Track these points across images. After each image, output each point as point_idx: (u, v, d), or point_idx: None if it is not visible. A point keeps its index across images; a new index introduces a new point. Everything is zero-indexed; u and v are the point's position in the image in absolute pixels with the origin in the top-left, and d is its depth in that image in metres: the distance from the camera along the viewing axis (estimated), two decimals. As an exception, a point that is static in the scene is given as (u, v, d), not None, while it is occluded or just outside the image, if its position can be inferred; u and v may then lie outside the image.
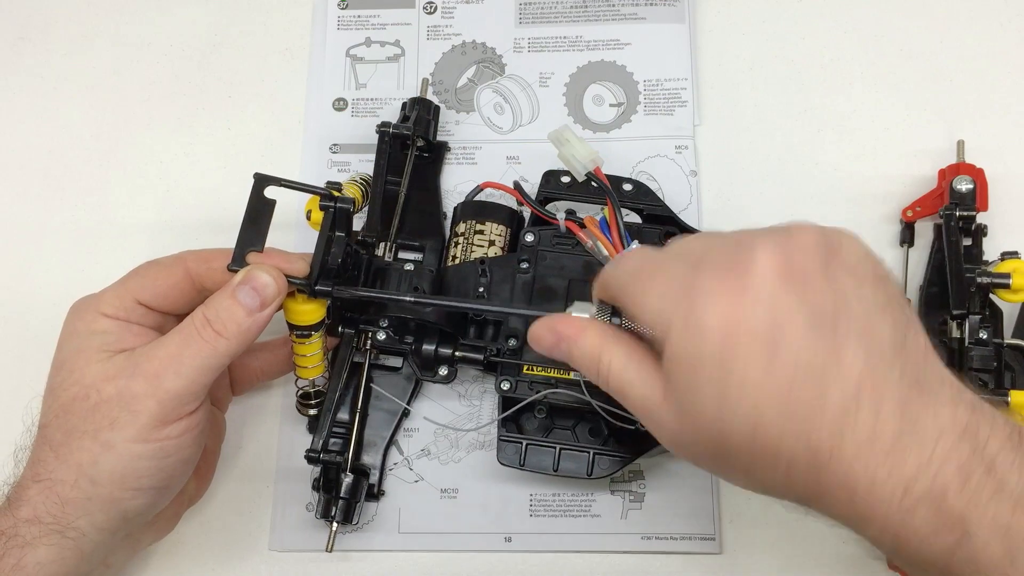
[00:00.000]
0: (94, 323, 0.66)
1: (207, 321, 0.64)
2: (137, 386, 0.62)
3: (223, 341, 0.64)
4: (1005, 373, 0.71)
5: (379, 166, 0.79)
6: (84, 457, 0.62)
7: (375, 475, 0.76)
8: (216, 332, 0.63)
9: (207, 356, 0.63)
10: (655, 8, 0.90)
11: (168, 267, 0.68)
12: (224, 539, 0.77)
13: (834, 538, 0.74)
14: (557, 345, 0.61)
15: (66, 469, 0.62)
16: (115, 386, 0.63)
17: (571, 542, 0.76)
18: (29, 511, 0.62)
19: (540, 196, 0.79)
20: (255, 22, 0.93)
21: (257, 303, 0.64)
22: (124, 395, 0.62)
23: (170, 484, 0.66)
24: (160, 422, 0.63)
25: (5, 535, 0.61)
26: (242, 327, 0.64)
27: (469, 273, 0.76)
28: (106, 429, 0.62)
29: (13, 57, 0.93)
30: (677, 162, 0.85)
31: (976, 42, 0.89)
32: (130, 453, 0.62)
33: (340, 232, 0.69)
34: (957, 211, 0.76)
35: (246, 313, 0.64)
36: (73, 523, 0.62)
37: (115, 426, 0.62)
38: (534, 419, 0.74)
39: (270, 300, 0.65)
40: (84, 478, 0.62)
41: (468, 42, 0.91)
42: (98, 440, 0.62)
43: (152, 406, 0.62)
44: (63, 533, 0.62)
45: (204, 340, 0.63)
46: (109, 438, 0.62)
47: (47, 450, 0.63)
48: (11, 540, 0.61)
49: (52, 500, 0.62)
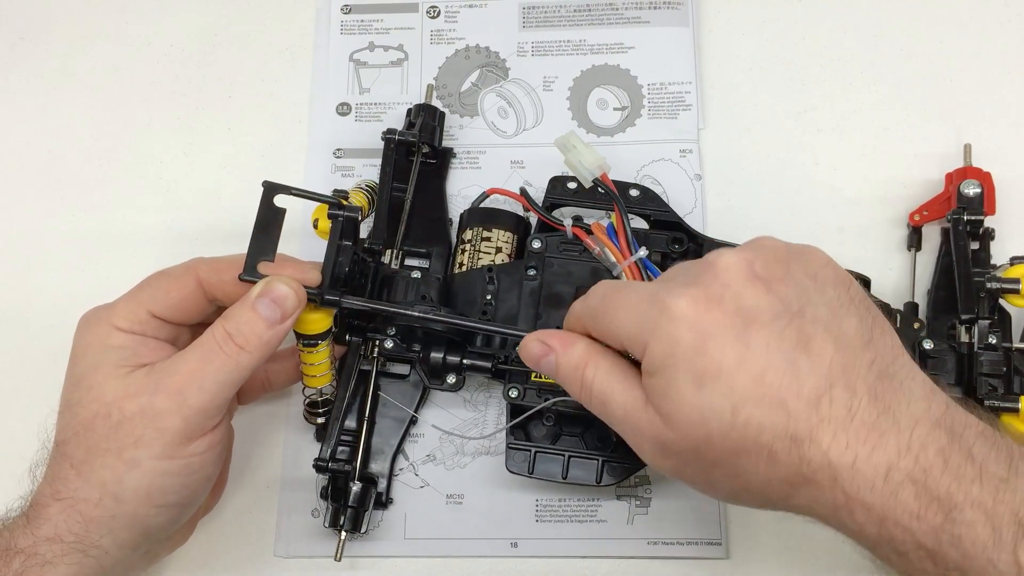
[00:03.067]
0: (108, 337, 0.65)
1: (228, 335, 0.63)
2: (161, 403, 0.62)
3: (245, 355, 0.63)
4: (1014, 378, 0.71)
5: (385, 173, 0.79)
6: (108, 475, 0.62)
7: (383, 483, 0.76)
8: (238, 346, 0.63)
9: (230, 371, 0.63)
10: (658, 11, 0.90)
11: (179, 278, 0.67)
12: (230, 546, 0.77)
13: (842, 543, 0.74)
14: (544, 356, 0.62)
15: (89, 487, 0.62)
16: (137, 403, 0.62)
17: (577, 547, 0.76)
18: (50, 529, 0.61)
19: (547, 202, 0.79)
20: (256, 23, 0.93)
21: (278, 315, 0.64)
22: (148, 412, 0.62)
23: (193, 500, 0.66)
24: (185, 439, 0.62)
25: (24, 553, 0.61)
26: (263, 340, 0.63)
27: (476, 280, 0.76)
28: (130, 447, 0.61)
29: (13, 57, 0.93)
30: (681, 165, 0.85)
31: (976, 43, 0.89)
32: (156, 470, 0.62)
33: (347, 240, 0.69)
34: (965, 215, 0.77)
35: (267, 326, 0.63)
36: (96, 542, 0.62)
37: (140, 444, 0.61)
38: (542, 426, 0.74)
39: (290, 312, 0.64)
40: (108, 496, 0.62)
41: (472, 46, 0.90)
42: (123, 458, 0.62)
43: (177, 423, 0.62)
44: (85, 552, 0.61)
45: (226, 354, 0.63)
46: (134, 456, 0.61)
47: (67, 468, 0.63)
48: (30, 559, 0.61)
49: (74, 519, 0.61)
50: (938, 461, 0.51)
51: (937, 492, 0.50)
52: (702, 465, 0.56)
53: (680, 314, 0.54)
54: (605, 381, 0.59)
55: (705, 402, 0.53)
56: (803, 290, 0.55)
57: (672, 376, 0.54)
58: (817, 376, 0.52)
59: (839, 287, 0.56)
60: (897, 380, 0.53)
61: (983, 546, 0.49)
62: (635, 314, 0.56)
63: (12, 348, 0.83)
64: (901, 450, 0.51)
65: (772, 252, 0.56)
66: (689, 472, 0.58)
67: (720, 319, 0.53)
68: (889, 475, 0.51)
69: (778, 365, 0.52)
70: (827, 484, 0.52)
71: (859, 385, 0.52)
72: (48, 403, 0.76)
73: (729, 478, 0.56)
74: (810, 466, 0.52)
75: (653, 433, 0.56)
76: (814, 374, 0.52)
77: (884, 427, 0.51)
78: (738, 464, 0.54)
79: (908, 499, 0.51)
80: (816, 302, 0.54)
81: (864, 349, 0.54)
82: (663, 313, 0.54)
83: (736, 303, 0.54)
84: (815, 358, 0.52)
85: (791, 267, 0.55)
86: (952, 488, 0.50)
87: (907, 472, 0.51)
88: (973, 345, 0.72)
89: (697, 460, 0.56)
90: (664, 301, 0.55)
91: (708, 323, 0.53)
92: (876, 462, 0.51)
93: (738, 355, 0.53)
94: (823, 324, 0.53)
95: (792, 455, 0.52)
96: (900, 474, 0.51)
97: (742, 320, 0.53)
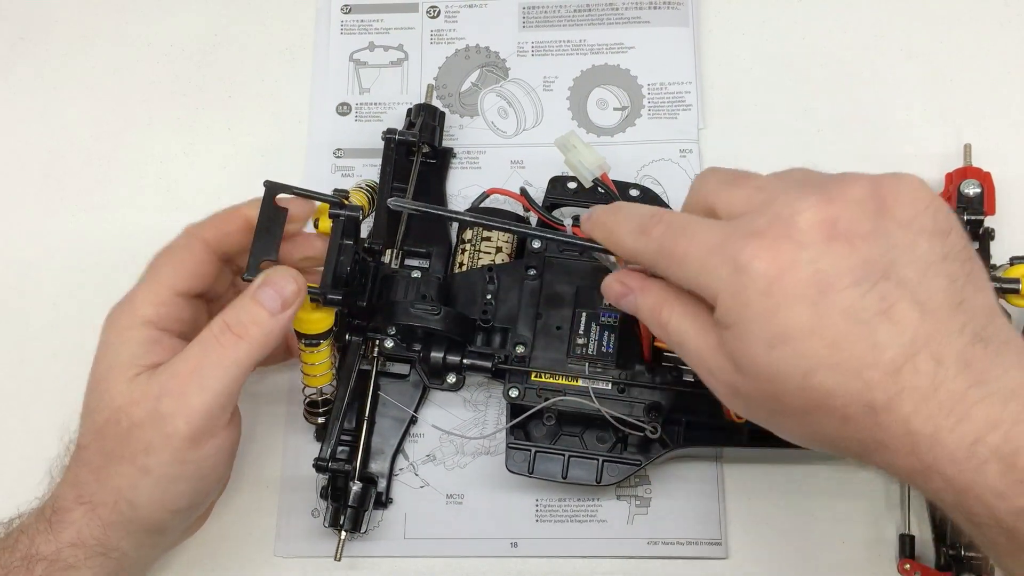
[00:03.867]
0: (128, 331, 0.64)
1: (226, 326, 0.62)
2: (165, 407, 0.61)
3: (244, 345, 0.62)
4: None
5: (385, 173, 0.80)
6: (123, 482, 0.62)
7: (383, 483, 0.76)
8: (236, 336, 0.62)
9: (228, 364, 0.62)
10: (658, 11, 0.90)
11: (187, 247, 0.67)
12: (230, 546, 0.77)
13: (840, 543, 0.75)
14: (624, 296, 0.61)
15: (106, 492, 0.62)
16: (144, 409, 0.61)
17: (577, 547, 0.76)
18: (73, 534, 0.61)
19: (547, 202, 0.79)
20: (256, 23, 0.93)
21: (278, 304, 0.63)
22: (154, 418, 0.61)
23: (206, 500, 0.67)
24: (193, 442, 0.62)
25: (47, 560, 0.61)
26: (264, 328, 0.62)
27: (477, 280, 0.76)
28: (141, 454, 0.61)
29: (13, 57, 0.93)
30: (681, 165, 0.85)
31: (976, 43, 0.89)
32: (168, 476, 0.62)
33: (348, 240, 0.69)
34: (965, 215, 0.77)
35: (268, 314, 0.62)
36: (116, 545, 0.62)
37: (150, 451, 0.61)
38: (542, 426, 0.74)
39: (291, 300, 0.63)
40: (124, 502, 0.62)
41: (472, 46, 0.90)
42: (136, 465, 0.61)
43: (182, 427, 0.61)
44: (107, 555, 0.62)
45: (223, 346, 0.62)
46: (146, 463, 0.61)
47: (87, 472, 0.63)
48: (53, 564, 0.61)
49: (95, 523, 0.62)
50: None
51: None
52: (773, 412, 0.54)
53: (751, 275, 0.51)
54: (680, 324, 0.57)
55: (776, 362, 0.51)
56: (890, 248, 0.51)
57: (743, 333, 0.52)
58: (899, 345, 0.49)
59: (935, 239, 0.51)
60: (992, 345, 0.50)
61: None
62: (702, 267, 0.53)
63: (12, 348, 0.83)
64: (990, 424, 0.48)
65: (859, 206, 0.51)
66: (760, 416, 0.56)
67: (793, 286, 0.50)
68: (974, 449, 0.48)
69: (855, 333, 0.49)
70: (904, 451, 0.49)
71: (946, 353, 0.49)
72: (49, 403, 0.76)
73: (800, 427, 0.54)
74: (887, 432, 0.50)
75: (725, 378, 0.55)
76: (895, 343, 0.49)
77: (973, 398, 0.48)
78: (809, 419, 0.52)
79: (992, 476, 0.48)
80: (903, 261, 0.50)
81: (954, 313, 0.50)
82: (734, 271, 0.51)
83: (813, 266, 0.50)
84: (897, 325, 0.49)
85: (881, 221, 0.51)
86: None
87: (994, 448, 0.48)
88: (973, 345, 0.71)
89: (768, 408, 0.54)
90: (734, 257, 0.51)
91: (780, 289, 0.50)
92: (961, 434, 0.48)
93: (811, 322, 0.50)
94: (909, 287, 0.50)
95: (867, 420, 0.50)
96: (986, 449, 0.48)
97: (817, 286, 0.50)
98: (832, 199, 0.51)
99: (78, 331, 0.81)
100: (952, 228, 0.52)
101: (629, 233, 0.59)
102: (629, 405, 0.71)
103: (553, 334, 0.74)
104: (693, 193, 0.59)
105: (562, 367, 0.73)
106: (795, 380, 0.51)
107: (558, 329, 0.74)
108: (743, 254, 0.51)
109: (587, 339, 0.73)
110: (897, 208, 0.52)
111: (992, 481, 0.48)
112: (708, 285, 0.53)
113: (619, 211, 0.60)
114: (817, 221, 0.51)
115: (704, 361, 0.56)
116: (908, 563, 0.72)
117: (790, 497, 0.76)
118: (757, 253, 0.51)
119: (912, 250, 0.51)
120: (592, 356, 0.73)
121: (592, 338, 0.73)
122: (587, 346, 0.73)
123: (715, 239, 0.53)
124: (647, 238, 0.57)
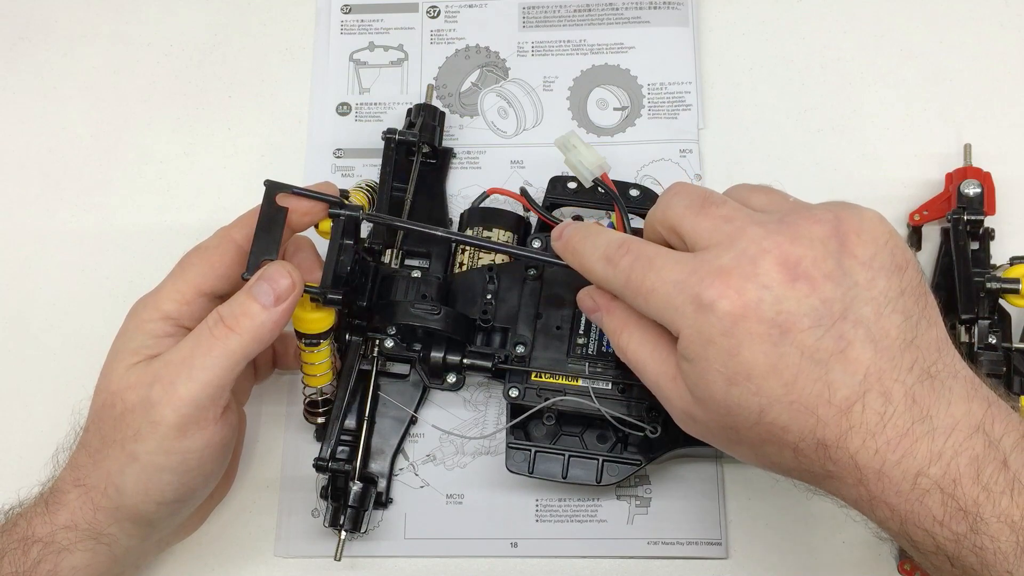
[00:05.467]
0: (146, 323, 0.65)
1: (220, 319, 0.63)
2: (155, 394, 0.62)
3: (235, 337, 0.62)
4: (1014, 378, 0.72)
5: (385, 173, 0.79)
6: (113, 466, 0.62)
7: (383, 483, 0.75)
8: (228, 328, 0.62)
9: (218, 355, 0.62)
10: (658, 11, 0.90)
11: (219, 247, 0.67)
12: (230, 545, 0.77)
13: (840, 543, 0.75)
14: (594, 311, 0.64)
15: (98, 476, 0.63)
16: (137, 395, 0.62)
17: (577, 547, 0.76)
18: (67, 516, 0.62)
19: (547, 202, 0.79)
20: (256, 23, 0.93)
21: (271, 298, 0.63)
22: (145, 404, 0.62)
23: (193, 497, 0.66)
24: (179, 432, 0.62)
25: (42, 542, 0.61)
26: (256, 321, 0.63)
27: (477, 280, 0.76)
28: (131, 440, 0.62)
29: (13, 57, 0.93)
30: (682, 165, 0.85)
31: (976, 43, 0.89)
32: (153, 465, 0.62)
33: (348, 240, 0.69)
34: (965, 215, 0.77)
35: (260, 307, 0.63)
36: (105, 530, 0.63)
37: (138, 437, 0.62)
38: (542, 426, 0.74)
39: (285, 295, 0.63)
40: (112, 487, 0.62)
41: (472, 46, 0.90)
42: (125, 450, 0.62)
43: (169, 414, 0.61)
44: (98, 539, 0.62)
45: (215, 338, 0.62)
46: (134, 449, 0.62)
47: (85, 455, 0.64)
48: (48, 547, 0.61)
49: (87, 506, 0.62)
50: (969, 471, 0.50)
51: (964, 503, 0.50)
52: (729, 441, 0.57)
53: (716, 314, 0.53)
54: (639, 351, 0.60)
55: (734, 398, 0.53)
56: (851, 286, 0.53)
57: (704, 370, 0.54)
58: (851, 384, 0.51)
59: (892, 276, 0.54)
60: (939, 380, 0.52)
61: (1004, 557, 0.49)
62: (667, 302, 0.55)
63: (12, 348, 0.83)
64: (932, 457, 0.50)
65: (822, 245, 0.53)
66: (716, 442, 0.59)
67: (756, 326, 0.52)
68: (917, 481, 0.50)
69: (812, 373, 0.52)
70: (852, 482, 0.52)
71: (895, 390, 0.51)
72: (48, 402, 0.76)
73: (755, 455, 0.56)
74: (837, 465, 0.52)
75: (682, 406, 0.57)
76: (848, 382, 0.51)
77: (917, 434, 0.51)
78: (764, 449, 0.55)
79: (934, 506, 0.50)
80: (862, 299, 0.53)
81: (906, 350, 0.52)
82: (698, 310, 0.53)
83: (776, 308, 0.52)
84: (851, 364, 0.52)
85: (842, 259, 0.53)
86: (981, 499, 0.50)
87: (936, 480, 0.50)
88: (973, 345, 0.72)
89: (724, 436, 0.57)
90: (699, 295, 0.53)
91: (743, 329, 0.52)
92: (905, 468, 0.51)
93: (771, 362, 0.52)
94: (865, 325, 0.52)
95: (818, 454, 0.52)
96: (928, 481, 0.50)
97: (779, 328, 0.52)
98: (796, 237, 0.54)
99: (78, 331, 0.82)
100: (908, 263, 0.55)
101: (598, 261, 0.61)
102: (629, 405, 0.71)
103: (553, 334, 0.74)
104: (660, 211, 0.60)
105: (562, 367, 0.72)
106: (751, 415, 0.53)
107: (558, 329, 0.74)
108: (708, 293, 0.53)
109: (587, 339, 0.73)
110: (858, 247, 0.54)
111: (933, 510, 0.50)
112: (672, 320, 0.55)
113: (587, 237, 0.63)
114: (781, 261, 0.53)
115: (661, 388, 0.59)
116: (908, 563, 0.72)
117: (790, 497, 0.76)
118: (723, 292, 0.53)
119: (871, 288, 0.53)
120: (592, 356, 0.73)
121: (592, 338, 0.73)
122: (587, 346, 0.73)
123: (681, 275, 0.55)
124: (615, 269, 0.59)
